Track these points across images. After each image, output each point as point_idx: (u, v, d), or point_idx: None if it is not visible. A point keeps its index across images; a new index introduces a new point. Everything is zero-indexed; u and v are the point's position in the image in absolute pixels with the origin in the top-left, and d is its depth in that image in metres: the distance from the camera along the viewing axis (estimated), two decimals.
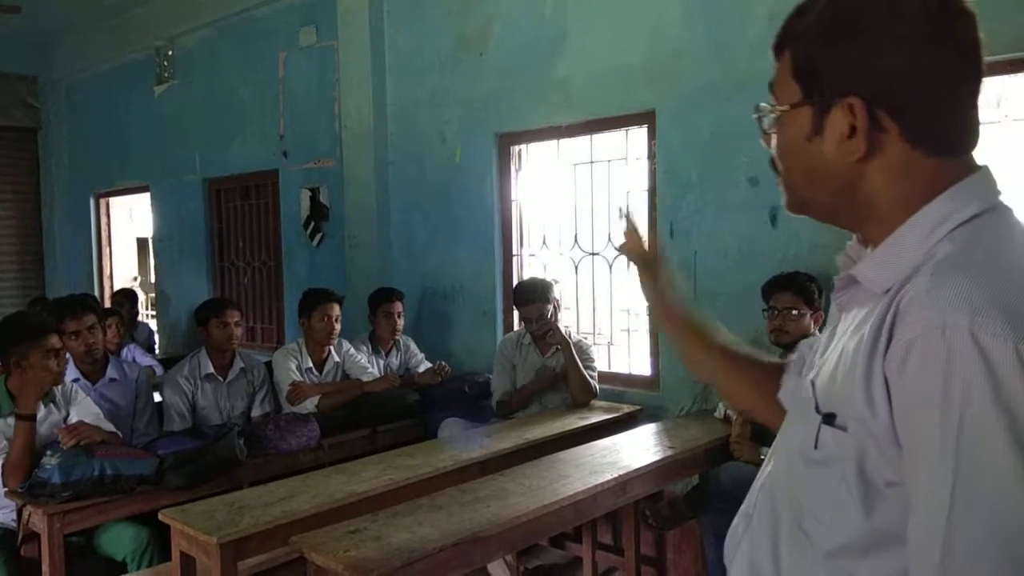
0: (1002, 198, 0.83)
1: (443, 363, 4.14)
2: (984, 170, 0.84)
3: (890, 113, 0.81)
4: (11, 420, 2.85)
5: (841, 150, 0.83)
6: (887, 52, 0.80)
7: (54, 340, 2.91)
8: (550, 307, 3.65)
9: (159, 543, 2.81)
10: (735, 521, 1.01)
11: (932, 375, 0.71)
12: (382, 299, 4.19)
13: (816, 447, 0.83)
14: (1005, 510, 0.67)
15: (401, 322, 4.23)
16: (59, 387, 3.04)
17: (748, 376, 1.21)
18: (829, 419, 0.82)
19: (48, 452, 2.71)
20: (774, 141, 0.92)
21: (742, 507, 1.01)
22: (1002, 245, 0.77)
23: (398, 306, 4.20)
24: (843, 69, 0.82)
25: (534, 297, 3.62)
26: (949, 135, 0.83)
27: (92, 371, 3.41)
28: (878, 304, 0.79)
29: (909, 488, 0.74)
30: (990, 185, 0.83)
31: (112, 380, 3.44)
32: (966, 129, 0.84)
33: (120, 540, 2.89)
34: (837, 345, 0.86)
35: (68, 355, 3.33)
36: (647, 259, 1.33)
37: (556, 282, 4.11)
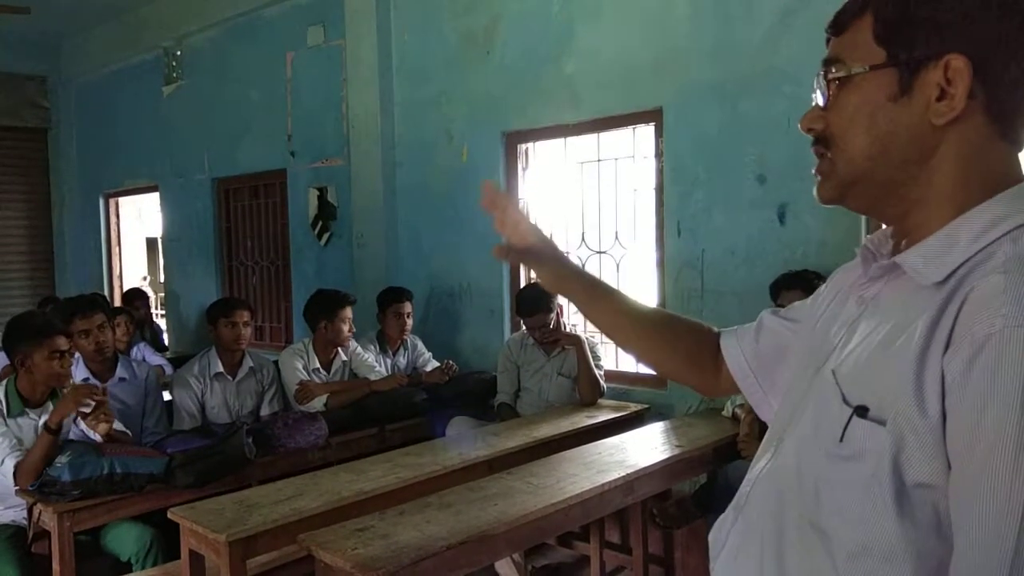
0: None
1: (450, 362, 4.15)
2: None
3: (983, 80, 0.77)
4: (21, 420, 2.87)
5: (929, 112, 0.79)
6: (996, 15, 0.77)
7: (59, 342, 2.91)
8: (552, 315, 3.64)
9: (163, 543, 2.82)
10: (724, 514, 0.97)
11: (1011, 376, 0.66)
12: (392, 299, 4.19)
13: (842, 440, 0.79)
14: None
15: (410, 322, 4.24)
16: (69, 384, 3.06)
17: (670, 338, 1.22)
18: (861, 411, 0.78)
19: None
20: (837, 110, 0.86)
21: (735, 499, 0.97)
22: None
23: (407, 306, 4.20)
24: (949, 24, 0.78)
25: (536, 308, 3.61)
26: (1020, 121, 0.81)
27: (102, 370, 3.43)
28: (928, 298, 0.76)
29: (960, 496, 0.70)
30: None
31: (122, 379, 3.46)
32: None
33: (124, 540, 2.89)
34: (870, 338, 0.82)
35: (78, 355, 3.36)
36: (523, 234, 1.29)
37: None
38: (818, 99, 0.88)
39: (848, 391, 0.81)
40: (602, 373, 3.70)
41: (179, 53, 6.37)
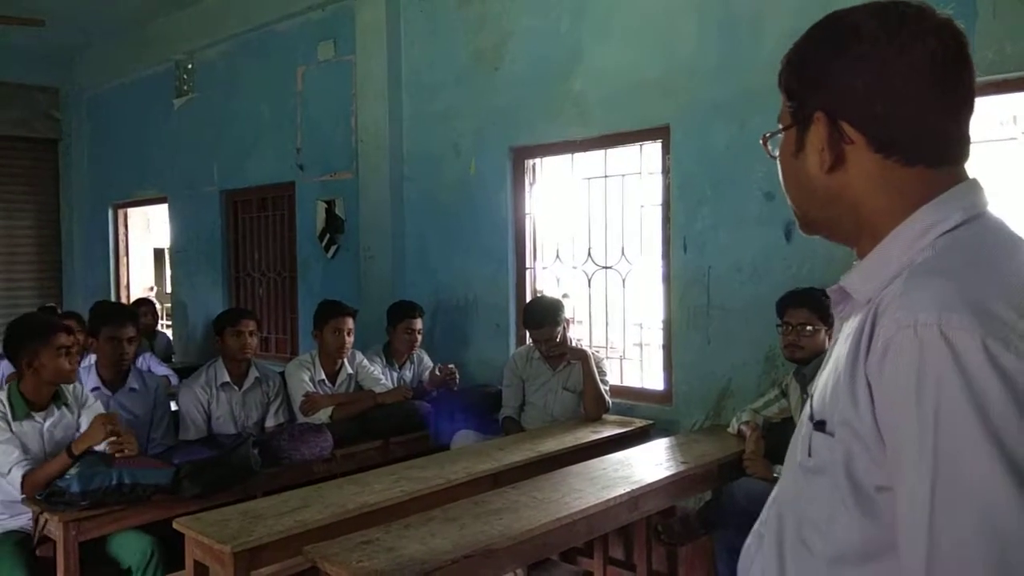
0: (989, 208, 0.85)
1: (451, 366, 4.15)
2: (972, 181, 0.86)
3: (854, 124, 0.87)
4: (26, 424, 2.87)
5: (817, 161, 0.90)
6: (845, 68, 0.87)
7: (63, 338, 2.89)
8: (559, 329, 3.65)
9: (164, 554, 2.81)
10: (748, 540, 1.02)
11: (907, 372, 0.73)
12: (404, 314, 4.19)
13: (810, 455, 0.86)
14: (986, 504, 0.68)
15: (420, 338, 4.25)
16: (71, 389, 3.05)
17: None
18: (820, 426, 0.85)
19: None
20: (779, 163, 0.98)
21: (755, 526, 1.01)
22: (979, 249, 0.80)
23: (419, 322, 4.21)
24: (812, 88, 0.90)
25: (543, 321, 3.62)
26: (922, 143, 0.85)
27: (114, 379, 3.44)
28: (867, 312, 0.82)
29: (895, 487, 0.75)
30: (976, 195, 0.85)
31: (132, 389, 3.46)
32: (943, 138, 0.86)
33: (126, 549, 2.88)
34: (831, 355, 0.90)
35: (89, 364, 3.37)
36: None
37: (566, 296, 4.11)
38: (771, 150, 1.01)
39: (816, 408, 0.88)
40: (607, 388, 3.70)
41: (191, 66, 6.42)
